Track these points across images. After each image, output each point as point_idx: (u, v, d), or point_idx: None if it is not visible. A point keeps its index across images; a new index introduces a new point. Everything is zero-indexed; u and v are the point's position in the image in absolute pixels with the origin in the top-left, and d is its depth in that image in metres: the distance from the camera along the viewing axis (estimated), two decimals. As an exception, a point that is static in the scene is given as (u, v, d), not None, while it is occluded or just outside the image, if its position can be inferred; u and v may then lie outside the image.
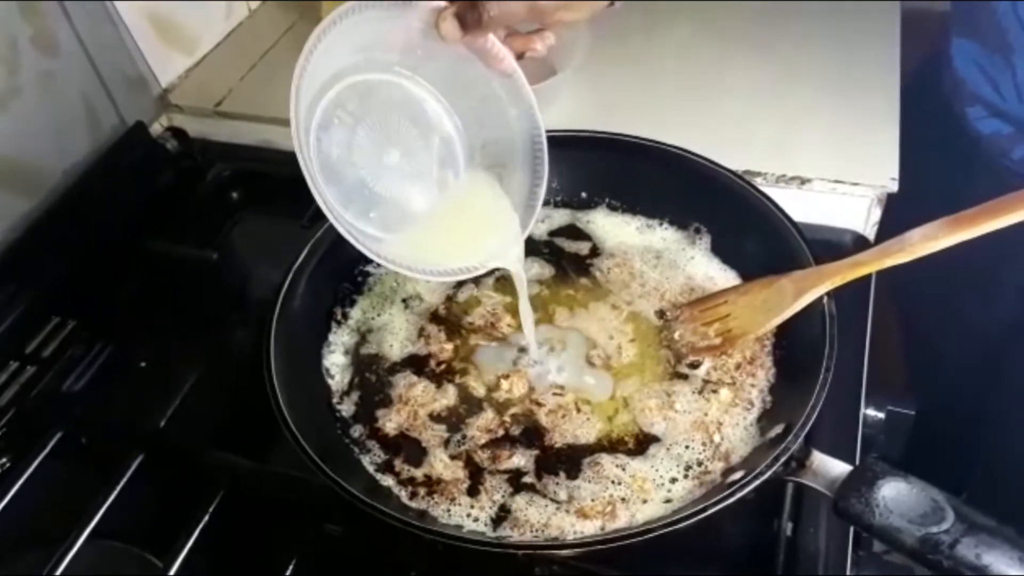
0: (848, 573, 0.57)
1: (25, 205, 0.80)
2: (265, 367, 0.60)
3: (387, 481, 0.60)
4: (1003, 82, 0.73)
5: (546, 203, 0.74)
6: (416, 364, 0.67)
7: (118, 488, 0.63)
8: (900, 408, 0.73)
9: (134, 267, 0.83)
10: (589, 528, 0.55)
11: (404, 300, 0.71)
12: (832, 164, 0.78)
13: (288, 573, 0.59)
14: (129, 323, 0.80)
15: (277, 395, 0.58)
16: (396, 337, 0.69)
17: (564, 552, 0.54)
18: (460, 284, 0.72)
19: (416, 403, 0.63)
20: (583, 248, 0.73)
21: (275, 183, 0.92)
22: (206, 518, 0.61)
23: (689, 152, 0.70)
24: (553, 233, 0.75)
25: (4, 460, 0.68)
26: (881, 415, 0.70)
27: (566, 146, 0.73)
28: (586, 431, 0.61)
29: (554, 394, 0.63)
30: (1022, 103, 0.72)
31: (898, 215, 0.79)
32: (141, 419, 0.67)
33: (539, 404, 0.63)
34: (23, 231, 0.79)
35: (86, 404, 0.72)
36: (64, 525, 0.61)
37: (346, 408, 0.64)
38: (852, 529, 0.59)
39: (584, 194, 0.75)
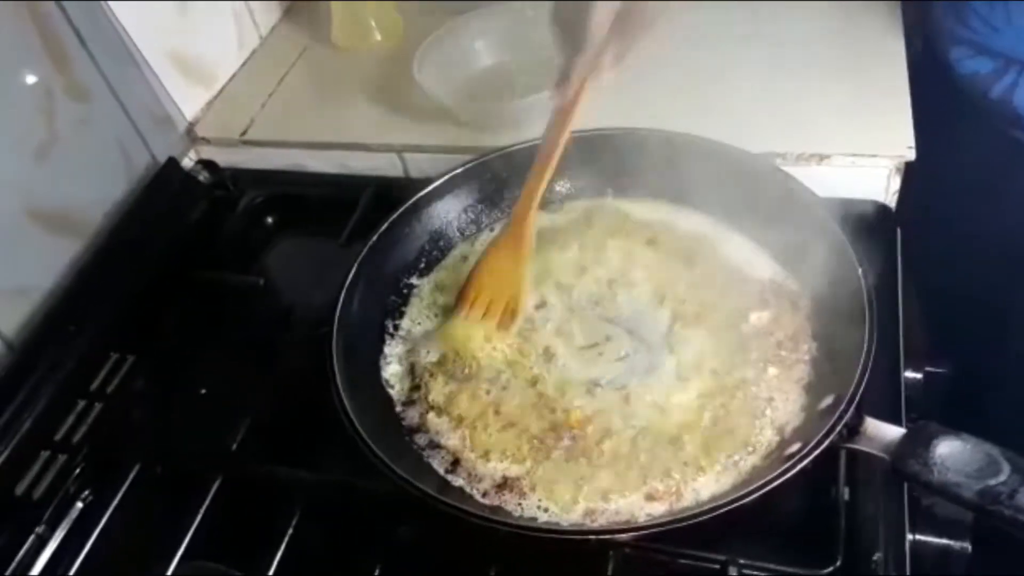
0: (907, 535, 0.60)
1: (72, 249, 0.83)
2: (332, 383, 0.63)
3: (458, 481, 0.63)
4: (972, 16, 0.77)
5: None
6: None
7: (202, 511, 0.66)
8: (936, 368, 0.75)
9: (182, 298, 0.85)
10: (658, 509, 0.58)
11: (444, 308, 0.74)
12: (849, 139, 0.80)
13: (374, 578, 0.61)
14: (184, 353, 0.82)
15: (346, 408, 0.61)
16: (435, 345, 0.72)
17: (637, 534, 0.57)
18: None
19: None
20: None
21: (307, 205, 0.95)
22: (290, 531, 0.64)
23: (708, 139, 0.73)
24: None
25: (87, 494, 0.71)
26: (919, 376, 0.73)
27: (589, 146, 0.77)
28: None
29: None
30: (994, 31, 0.75)
31: (912, 176, 0.82)
32: (213, 444, 0.70)
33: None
34: (74, 275, 0.82)
35: (156, 435, 0.75)
36: (154, 551, 0.64)
37: (409, 416, 0.67)
38: (906, 491, 0.61)
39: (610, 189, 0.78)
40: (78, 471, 0.72)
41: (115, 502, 0.68)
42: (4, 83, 0.75)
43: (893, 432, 0.54)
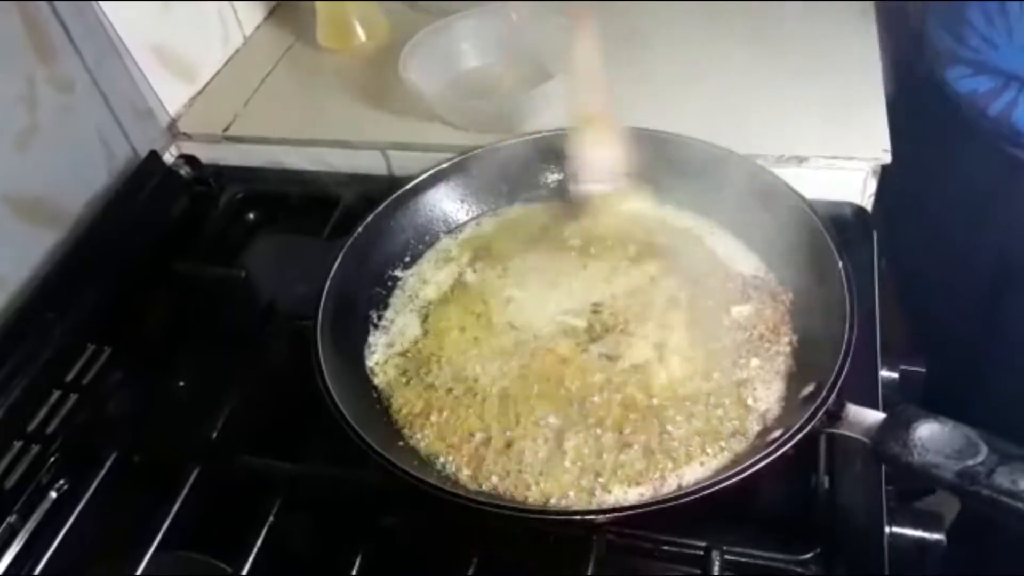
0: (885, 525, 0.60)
1: (52, 239, 0.82)
2: (317, 369, 0.63)
3: (441, 466, 0.62)
4: (971, 35, 0.79)
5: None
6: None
7: (179, 500, 0.65)
8: (912, 367, 0.76)
9: (162, 290, 0.85)
10: (642, 494, 0.58)
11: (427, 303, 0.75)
12: (827, 142, 0.82)
13: (355, 571, 0.61)
14: (162, 345, 0.81)
15: (331, 392, 0.61)
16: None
17: (622, 515, 0.57)
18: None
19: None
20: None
21: (289, 201, 0.95)
22: (270, 520, 0.63)
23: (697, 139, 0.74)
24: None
25: (62, 483, 0.69)
26: (895, 375, 0.74)
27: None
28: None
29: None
30: (994, 48, 0.77)
31: (893, 187, 0.84)
32: (192, 434, 0.69)
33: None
34: (52, 266, 0.81)
35: (133, 426, 0.74)
36: (130, 541, 0.63)
37: (395, 404, 0.67)
38: (884, 480, 0.62)
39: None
40: (52, 460, 0.71)
41: (90, 492, 0.67)
42: (-13, 70, 0.75)
43: (873, 416, 0.55)
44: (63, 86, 0.83)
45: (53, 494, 0.69)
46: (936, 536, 0.61)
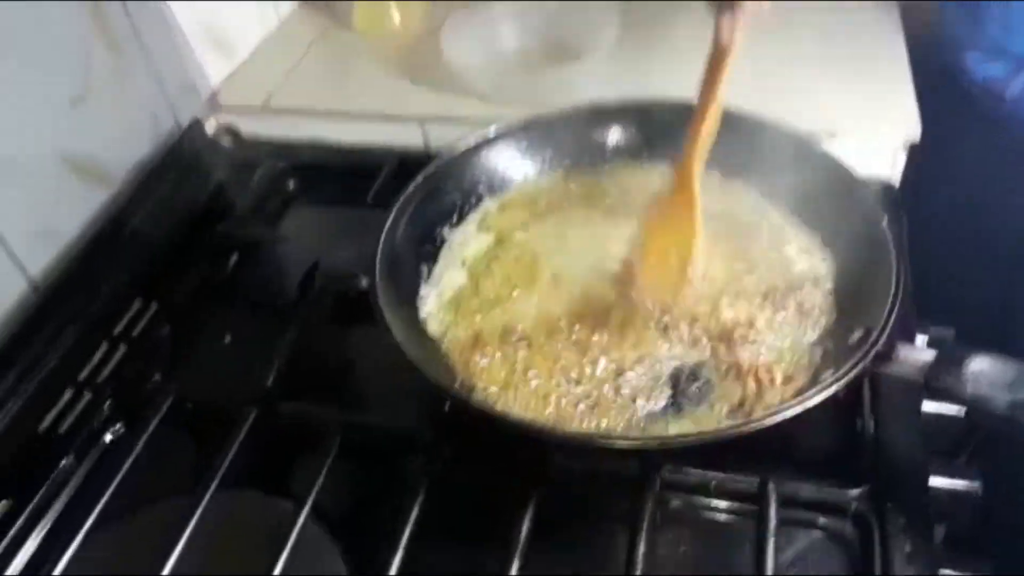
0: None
1: (100, 199, 0.83)
2: (380, 318, 0.64)
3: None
4: (989, 19, 0.82)
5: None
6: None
7: (237, 442, 0.66)
8: (943, 328, 0.79)
9: (207, 252, 0.86)
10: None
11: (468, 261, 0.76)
12: (858, 119, 0.85)
13: (414, 513, 0.62)
14: (207, 303, 0.83)
15: (398, 339, 0.62)
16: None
17: (682, 443, 0.58)
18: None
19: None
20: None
21: (327, 173, 0.97)
22: (329, 460, 0.64)
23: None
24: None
25: (118, 427, 0.70)
26: (926, 335, 0.76)
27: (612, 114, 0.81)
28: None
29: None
30: (1009, 32, 0.81)
31: (913, 174, 0.87)
32: (248, 381, 0.71)
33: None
34: (101, 224, 0.82)
35: (185, 374, 0.75)
36: (188, 482, 0.64)
37: (448, 347, 0.69)
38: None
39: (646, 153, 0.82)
40: (107, 407, 0.72)
41: (146, 435, 0.67)
42: (50, 32, 0.76)
43: (925, 354, 0.57)
44: (116, 53, 0.85)
45: (108, 437, 0.70)
46: (972, 486, 0.63)
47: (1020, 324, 0.97)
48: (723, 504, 0.61)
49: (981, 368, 0.54)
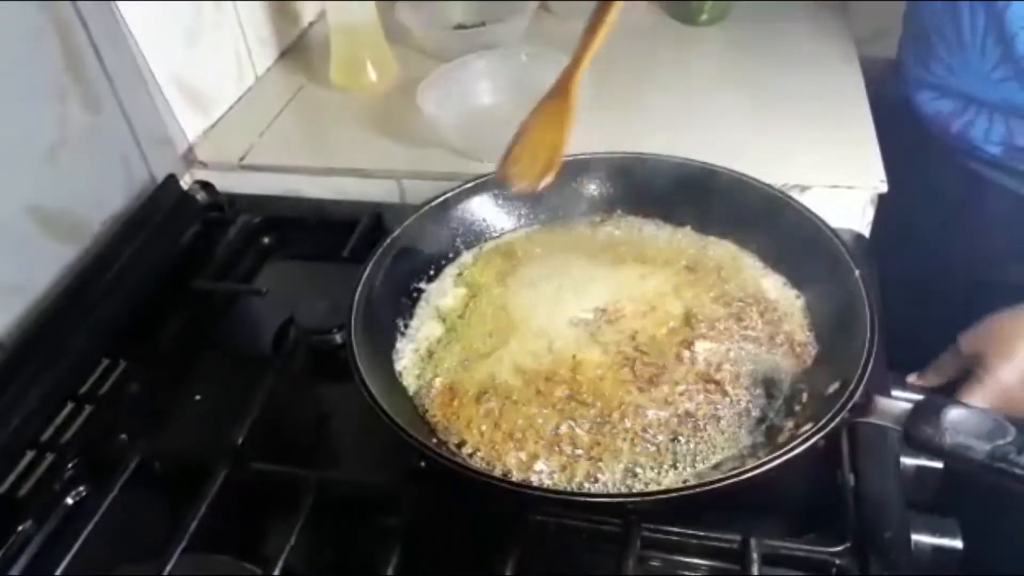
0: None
1: (69, 253, 0.82)
2: (355, 372, 0.63)
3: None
4: (936, 63, 0.88)
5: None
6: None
7: (206, 503, 0.63)
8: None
9: (178, 307, 0.85)
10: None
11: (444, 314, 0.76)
12: (828, 172, 0.87)
13: (391, 570, 0.60)
14: (178, 360, 0.81)
15: (368, 387, 0.61)
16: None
17: (662, 498, 0.57)
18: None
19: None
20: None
21: (303, 227, 0.97)
22: (300, 522, 0.62)
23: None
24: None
25: (81, 490, 0.68)
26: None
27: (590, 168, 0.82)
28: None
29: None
30: (953, 74, 0.86)
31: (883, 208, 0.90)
32: (217, 440, 0.69)
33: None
34: (70, 279, 0.81)
35: (152, 434, 0.73)
36: (153, 545, 0.61)
37: (426, 403, 0.67)
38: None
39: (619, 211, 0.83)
40: (70, 468, 0.69)
41: (110, 497, 0.65)
42: (26, 83, 0.77)
43: (901, 405, 0.57)
44: (91, 105, 0.84)
45: (69, 501, 0.68)
46: (954, 543, 0.63)
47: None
48: (705, 562, 0.60)
49: (959, 417, 0.54)
